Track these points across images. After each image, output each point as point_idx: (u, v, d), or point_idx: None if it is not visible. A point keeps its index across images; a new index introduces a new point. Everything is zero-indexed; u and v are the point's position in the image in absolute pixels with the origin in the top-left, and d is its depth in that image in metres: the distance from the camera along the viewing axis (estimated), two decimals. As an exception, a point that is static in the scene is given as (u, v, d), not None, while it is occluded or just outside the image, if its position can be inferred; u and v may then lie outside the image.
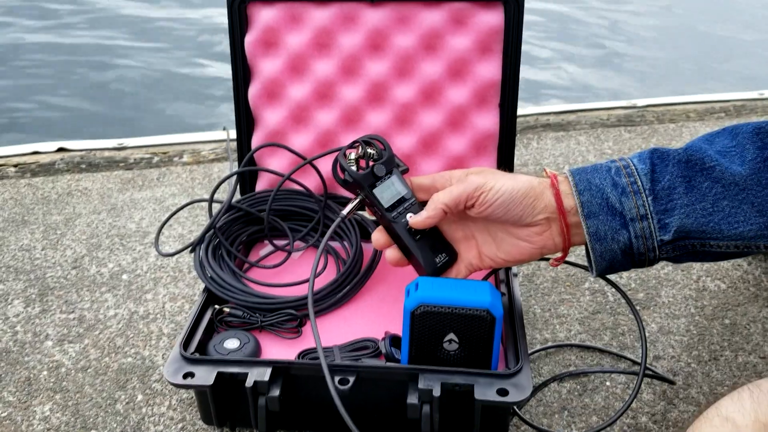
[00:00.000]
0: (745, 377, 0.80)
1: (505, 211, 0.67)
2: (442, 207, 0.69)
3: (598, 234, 0.65)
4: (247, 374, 0.66)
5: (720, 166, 0.62)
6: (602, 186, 0.65)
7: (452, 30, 0.86)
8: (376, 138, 0.75)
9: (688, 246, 0.64)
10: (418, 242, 0.72)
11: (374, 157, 0.74)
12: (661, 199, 0.64)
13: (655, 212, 0.64)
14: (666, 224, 0.64)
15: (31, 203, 1.21)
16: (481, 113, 0.88)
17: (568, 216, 0.66)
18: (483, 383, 0.64)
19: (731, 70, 3.48)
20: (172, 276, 0.99)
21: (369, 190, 0.72)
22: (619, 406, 0.76)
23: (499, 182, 0.67)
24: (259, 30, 0.88)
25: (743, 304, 0.93)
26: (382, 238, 0.74)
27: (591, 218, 0.65)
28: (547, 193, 0.67)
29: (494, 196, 0.67)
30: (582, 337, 0.87)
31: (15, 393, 0.79)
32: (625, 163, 0.66)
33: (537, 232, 0.68)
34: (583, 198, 0.66)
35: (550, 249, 0.69)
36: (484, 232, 0.72)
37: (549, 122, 1.55)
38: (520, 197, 0.67)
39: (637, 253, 0.65)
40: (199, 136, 1.48)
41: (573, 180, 0.67)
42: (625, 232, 0.65)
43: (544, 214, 0.67)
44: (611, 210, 0.65)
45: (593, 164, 0.68)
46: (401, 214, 0.72)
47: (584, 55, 3.66)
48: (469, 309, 0.64)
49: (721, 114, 1.62)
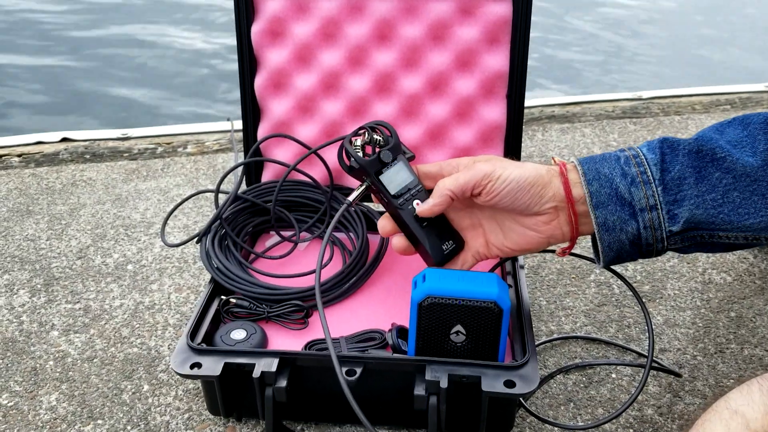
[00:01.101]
0: (751, 370, 0.80)
1: (513, 200, 0.67)
2: (449, 194, 0.69)
3: (606, 224, 0.65)
4: (254, 365, 0.66)
5: (731, 156, 0.62)
6: (611, 176, 0.65)
7: (460, 20, 0.86)
8: (382, 124, 0.74)
9: (696, 237, 0.64)
10: (425, 229, 0.71)
11: (380, 143, 0.73)
12: (670, 189, 0.63)
13: (664, 202, 0.63)
14: (675, 215, 0.63)
15: (36, 193, 1.21)
16: (489, 104, 0.88)
17: (577, 205, 0.66)
18: (490, 375, 0.64)
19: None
20: (177, 267, 0.99)
21: (375, 177, 0.71)
22: (624, 398, 0.76)
23: (507, 170, 0.67)
24: (266, 20, 0.87)
25: (749, 296, 0.93)
26: (389, 225, 0.73)
27: (600, 208, 0.65)
28: (556, 182, 0.67)
29: (502, 184, 0.66)
30: (588, 329, 0.87)
31: (21, 383, 0.79)
32: (634, 152, 0.66)
33: (545, 221, 0.68)
34: (591, 188, 0.65)
35: (557, 238, 0.68)
36: (492, 221, 0.72)
37: (554, 114, 1.54)
38: (528, 186, 0.66)
39: (645, 244, 0.65)
40: (203, 127, 1.48)
41: (582, 169, 0.66)
42: (634, 223, 0.64)
43: (552, 203, 0.67)
44: (620, 200, 0.64)
45: (602, 153, 0.68)
46: (408, 201, 0.71)
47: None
48: (476, 301, 0.64)
49: (727, 106, 1.61)
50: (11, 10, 3.82)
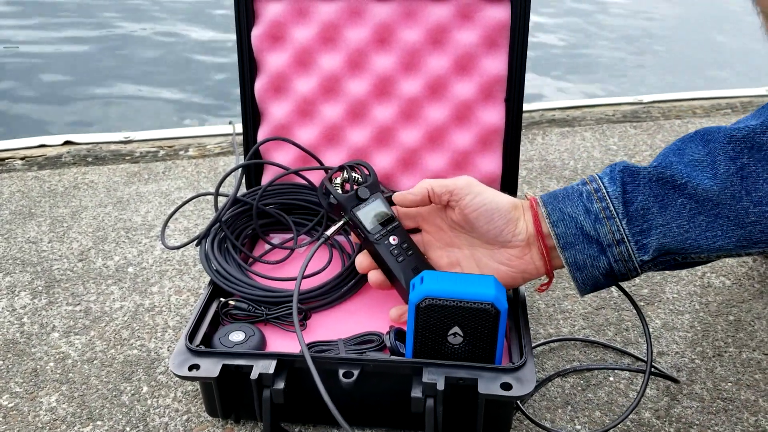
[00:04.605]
0: (749, 374, 0.80)
1: (488, 221, 0.68)
2: (428, 188, 0.71)
3: (577, 263, 0.66)
4: (252, 367, 0.66)
5: (692, 181, 0.61)
6: (575, 215, 0.65)
7: (459, 24, 0.86)
8: (361, 163, 0.78)
9: (670, 260, 0.64)
10: (401, 264, 0.73)
11: (359, 181, 0.77)
12: (635, 220, 0.63)
13: (631, 235, 0.63)
14: (644, 245, 0.63)
15: (38, 196, 1.21)
16: (487, 108, 0.88)
17: (547, 239, 0.67)
18: (487, 377, 0.64)
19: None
20: (177, 269, 1.00)
21: (353, 212, 0.73)
22: (622, 401, 0.76)
23: (488, 192, 0.69)
24: (266, 24, 0.88)
25: (748, 300, 0.93)
26: (366, 261, 0.75)
27: (568, 249, 0.66)
28: (528, 216, 0.68)
29: (481, 201, 0.68)
30: (586, 332, 0.87)
31: (22, 384, 0.79)
32: (596, 186, 0.65)
33: (517, 255, 0.68)
34: (557, 230, 0.66)
35: (531, 273, 0.69)
36: (470, 259, 0.72)
37: (554, 118, 1.55)
38: (505, 211, 0.68)
39: (619, 275, 0.66)
40: (204, 130, 1.49)
41: (546, 210, 0.67)
42: (604, 258, 0.65)
43: (523, 235, 0.68)
44: (587, 238, 0.65)
45: (565, 188, 0.68)
46: (384, 237, 0.73)
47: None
48: (473, 302, 0.64)
49: (728, 110, 1.62)
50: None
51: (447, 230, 0.74)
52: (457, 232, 0.73)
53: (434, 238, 0.75)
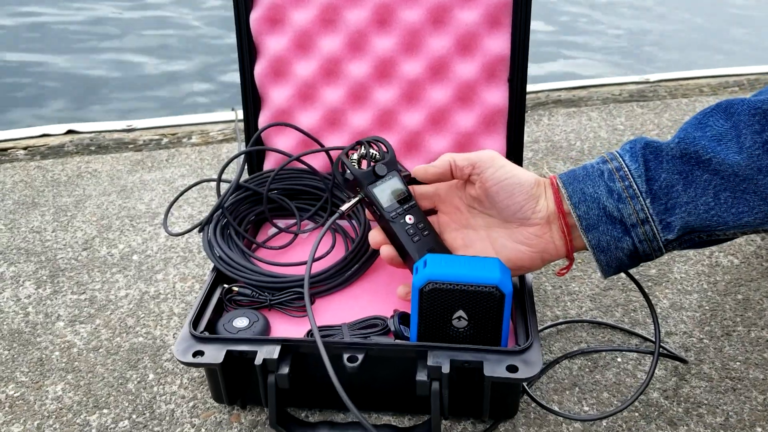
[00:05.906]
0: (758, 352, 0.79)
1: (509, 195, 0.67)
2: (450, 160, 0.69)
3: (600, 246, 0.64)
4: (257, 352, 0.66)
5: (717, 156, 0.59)
6: (597, 195, 0.64)
7: (460, 3, 0.85)
8: (379, 140, 0.75)
9: (694, 238, 0.63)
10: (416, 244, 0.71)
11: (376, 158, 0.74)
12: (659, 198, 0.62)
13: (655, 213, 0.62)
14: (669, 223, 0.62)
15: (41, 185, 1.21)
16: (490, 88, 0.87)
17: (568, 217, 0.66)
18: (492, 360, 0.63)
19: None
20: (182, 256, 1.00)
21: (369, 189, 0.72)
22: (630, 382, 0.75)
23: (510, 166, 0.68)
24: (265, 7, 0.87)
25: (756, 279, 0.92)
26: (379, 236, 0.74)
27: (591, 231, 0.64)
28: (548, 193, 0.67)
29: (503, 174, 0.67)
30: (593, 313, 0.86)
31: (27, 373, 0.79)
32: (617, 164, 0.64)
33: (536, 234, 0.67)
34: (579, 211, 0.64)
35: (551, 254, 0.68)
36: (485, 240, 0.71)
37: (560, 98, 1.53)
38: (528, 186, 0.67)
39: (643, 255, 0.64)
40: (207, 117, 1.48)
41: (566, 192, 0.65)
42: (628, 239, 0.63)
43: (543, 212, 0.66)
44: (610, 219, 0.63)
45: (584, 166, 0.66)
46: (400, 215, 0.72)
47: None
48: (478, 285, 0.64)
49: (735, 88, 1.60)
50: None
51: (464, 211, 0.73)
52: (475, 213, 0.72)
53: (451, 219, 0.74)
